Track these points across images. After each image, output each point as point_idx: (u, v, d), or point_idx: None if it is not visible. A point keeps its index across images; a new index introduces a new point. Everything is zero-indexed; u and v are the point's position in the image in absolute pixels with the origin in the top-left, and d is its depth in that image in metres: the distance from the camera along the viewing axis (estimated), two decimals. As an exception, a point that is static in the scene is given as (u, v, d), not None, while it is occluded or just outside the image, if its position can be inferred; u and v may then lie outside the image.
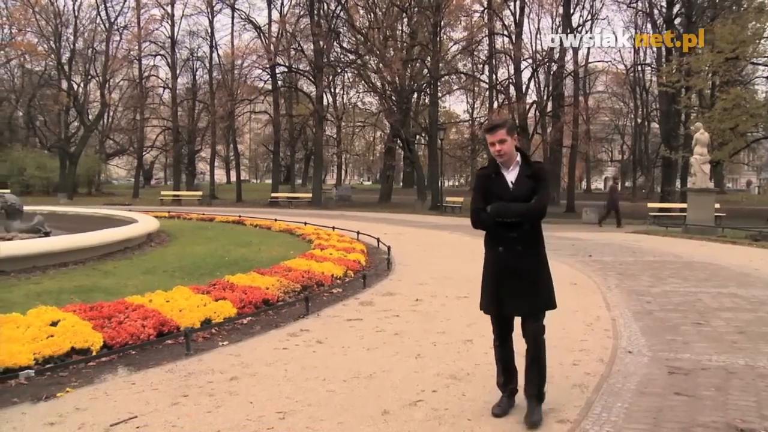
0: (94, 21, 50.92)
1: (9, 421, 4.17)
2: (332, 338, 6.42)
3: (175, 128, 51.00)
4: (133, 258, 12.46)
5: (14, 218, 14.12)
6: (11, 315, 5.91)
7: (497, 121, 4.36)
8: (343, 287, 9.45)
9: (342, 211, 33.49)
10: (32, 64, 54.20)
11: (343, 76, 49.36)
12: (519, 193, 4.18)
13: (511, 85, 42.35)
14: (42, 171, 50.45)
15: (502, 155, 4.21)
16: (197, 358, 5.66)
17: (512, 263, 4.21)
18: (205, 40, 50.73)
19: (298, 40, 44.39)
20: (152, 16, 50.88)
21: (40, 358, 5.15)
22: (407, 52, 40.24)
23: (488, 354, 5.75)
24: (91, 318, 5.98)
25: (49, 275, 9.93)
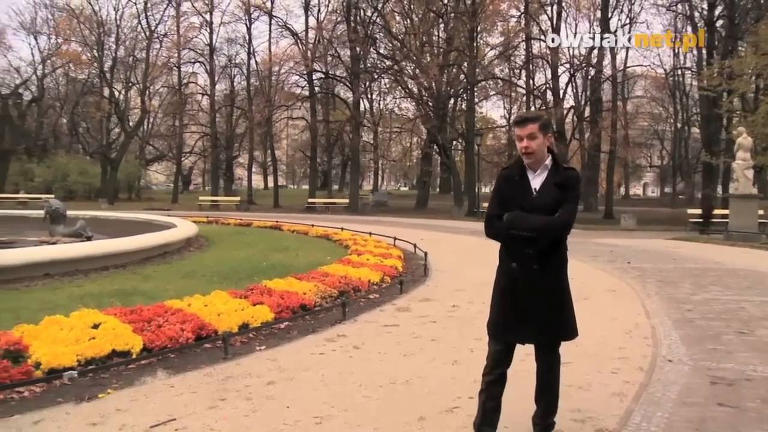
0: (135, 30, 51.93)
1: (54, 420, 4.25)
2: (369, 344, 6.42)
3: (214, 134, 51.61)
4: (172, 262, 12.61)
5: (58, 222, 14.42)
6: (55, 317, 6.02)
7: (530, 113, 3.94)
8: (380, 293, 9.45)
9: (378, 217, 33.54)
10: (76, 72, 55.34)
11: (380, 82, 49.48)
12: (542, 203, 3.62)
13: (549, 90, 42.02)
14: (84, 176, 51.37)
15: (529, 154, 3.64)
16: (235, 362, 5.70)
17: (525, 282, 3.69)
18: (243, 47, 51.42)
19: (335, 47, 44.65)
20: (191, 24, 51.72)
21: (83, 360, 5.24)
22: (444, 58, 40.20)
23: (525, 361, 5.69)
24: (132, 321, 6.07)
25: (91, 278, 10.09)
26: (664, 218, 33.76)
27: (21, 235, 15.31)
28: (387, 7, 42.68)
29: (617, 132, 40.77)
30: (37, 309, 7.11)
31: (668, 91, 53.33)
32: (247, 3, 47.95)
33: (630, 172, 71.12)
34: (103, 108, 51.95)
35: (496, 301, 3.86)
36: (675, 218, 31.74)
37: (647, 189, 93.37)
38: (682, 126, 54.36)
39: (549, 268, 3.71)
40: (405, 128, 53.00)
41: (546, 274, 3.69)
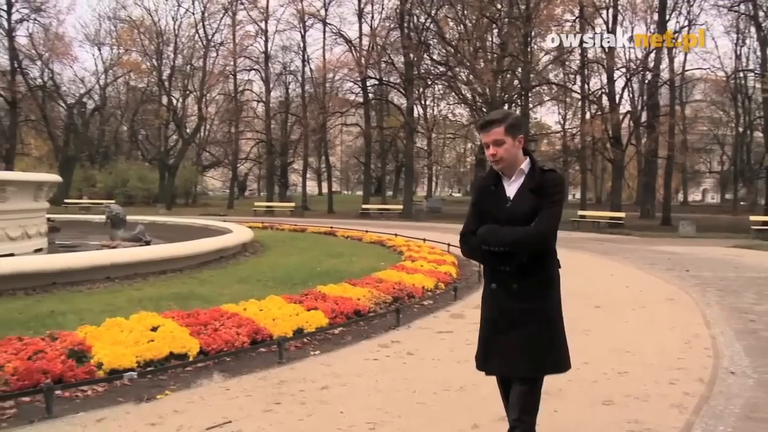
0: (193, 39, 53.05)
1: (115, 419, 4.37)
2: (423, 350, 6.42)
3: (269, 141, 52.28)
4: (228, 267, 12.79)
5: (118, 227, 14.77)
6: (116, 319, 6.18)
7: (493, 115, 3.32)
8: (434, 299, 9.43)
9: (432, 223, 33.49)
10: (136, 81, 56.83)
11: (434, 88, 49.44)
12: (517, 213, 3.17)
13: (604, 95, 41.39)
14: (143, 182, 52.57)
15: (498, 161, 3.21)
16: (289, 367, 5.75)
17: (505, 305, 3.23)
18: (298, 55, 52.03)
19: (388, 53, 44.83)
20: (247, 33, 52.57)
21: (142, 361, 5.36)
22: (498, 63, 39.94)
23: (581, 370, 5.64)
24: (189, 324, 6.18)
25: (150, 282, 10.31)
26: (724, 225, 32.89)
27: (84, 239, 15.76)
28: (440, 13, 42.63)
29: (675, 137, 39.91)
30: (99, 311, 7.31)
31: (729, 95, 51.81)
32: (301, 11, 48.57)
33: (688, 177, 69.52)
34: (162, 115, 53.22)
35: (481, 328, 3.43)
36: (736, 225, 30.91)
37: (707, 195, 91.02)
38: (744, 130, 52.79)
39: (531, 288, 3.22)
40: (459, 134, 52.80)
41: (528, 295, 3.20)
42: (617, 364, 5.83)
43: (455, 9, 41.18)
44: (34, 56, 50.66)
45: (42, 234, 13.78)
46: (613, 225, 30.94)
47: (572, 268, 14.49)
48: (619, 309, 8.93)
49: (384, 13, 47.03)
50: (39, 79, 51.95)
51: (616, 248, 19.19)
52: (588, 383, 5.28)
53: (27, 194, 12.87)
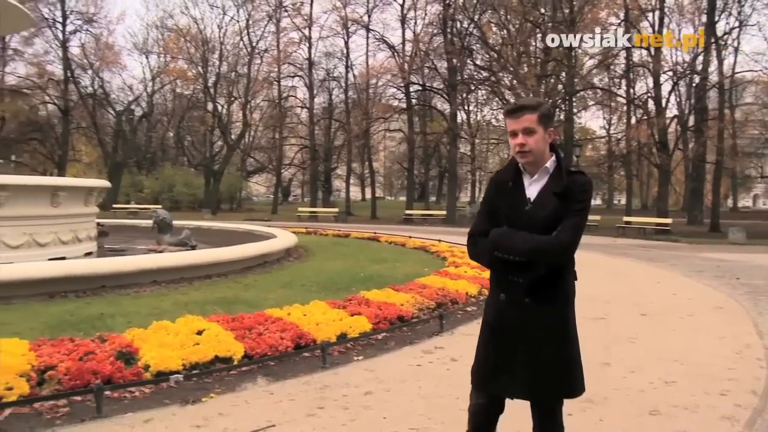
0: (238, 46, 53.75)
1: (162, 420, 4.45)
2: (466, 356, 6.34)
3: (312, 146, 52.65)
4: (272, 272, 12.88)
5: (165, 232, 15.01)
6: (162, 322, 6.29)
7: (526, 100, 3.02)
8: (478, 305, 9.36)
9: (475, 229, 33.25)
10: (182, 88, 57.80)
11: (477, 93, 49.37)
12: (537, 217, 2.83)
13: (650, 99, 40.68)
14: (189, 188, 53.36)
15: (525, 153, 2.86)
16: (333, 372, 5.78)
17: (515, 319, 2.90)
18: (341, 61, 52.31)
19: (431, 59, 44.87)
20: (291, 40, 53.05)
21: (188, 364, 5.43)
22: (541, 68, 39.64)
23: (626, 378, 5.57)
24: (233, 328, 6.25)
25: (195, 286, 10.43)
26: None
27: (131, 244, 16.05)
28: (483, 18, 42.54)
29: (724, 141, 39.05)
30: (146, 314, 7.44)
31: (782, 97, 50.64)
32: (344, 17, 48.88)
33: (738, 183, 67.96)
34: (207, 122, 53.98)
35: (481, 340, 3.10)
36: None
37: (758, 201, 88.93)
38: (797, 134, 51.50)
39: (546, 304, 2.88)
40: (502, 140, 52.50)
41: (542, 311, 2.87)
42: (664, 374, 5.73)
43: (498, 14, 41.05)
44: (86, 65, 52.05)
45: (92, 238, 14.08)
46: (660, 231, 30.46)
47: (617, 275, 14.34)
48: (666, 317, 8.78)
49: (427, 18, 47.12)
50: (90, 88, 53.26)
51: (662, 255, 18.88)
52: (634, 392, 5.20)
53: (78, 199, 13.18)
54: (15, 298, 8.61)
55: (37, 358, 5.06)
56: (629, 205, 50.46)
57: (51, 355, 5.12)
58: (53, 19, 49.98)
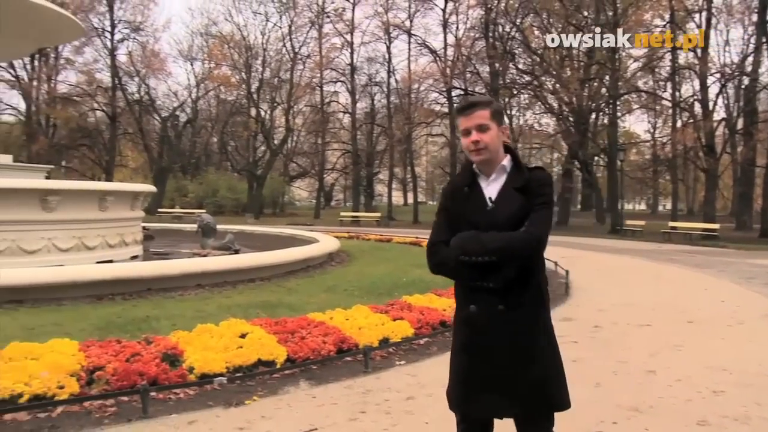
0: (280, 52, 54.23)
1: (206, 422, 4.51)
2: (508, 362, 6.34)
3: (355, 151, 52.85)
4: (314, 276, 12.92)
5: (209, 236, 15.19)
6: (206, 325, 6.37)
7: (477, 97, 2.84)
8: (519, 310, 9.30)
9: (517, 234, 33.04)
10: (226, 94, 58.55)
11: (519, 98, 49.02)
12: (502, 216, 2.65)
13: (697, 102, 39.84)
14: (232, 192, 53.91)
15: (481, 151, 2.68)
16: (375, 376, 5.79)
17: (490, 331, 2.66)
18: (383, 66, 52.46)
19: (473, 63, 44.76)
20: (333, 45, 53.44)
21: (231, 367, 5.49)
22: (585, 72, 39.25)
23: (673, 387, 5.48)
24: (276, 332, 6.30)
25: (238, 290, 10.52)
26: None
27: (176, 247, 16.30)
28: (525, 22, 42.29)
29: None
30: (190, 317, 7.53)
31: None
32: (386, 23, 49.02)
33: (790, 187, 66.30)
34: (250, 127, 54.66)
35: (453, 361, 2.83)
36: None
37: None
38: None
39: (521, 308, 2.67)
40: (545, 144, 52.15)
41: (517, 317, 2.66)
42: (712, 383, 5.60)
43: (540, 17, 40.77)
44: (133, 73, 53.17)
45: (138, 242, 14.33)
46: (707, 237, 29.83)
47: (663, 281, 14.11)
48: (714, 324, 8.60)
49: (469, 23, 47.00)
50: (136, 94, 54.38)
51: (709, 261, 18.50)
52: (681, 402, 5.10)
53: (125, 204, 13.43)
54: (65, 300, 8.82)
55: (87, 358, 5.19)
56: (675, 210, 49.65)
57: (99, 356, 5.24)
58: (102, 29, 51.33)
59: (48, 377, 4.71)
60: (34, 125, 50.68)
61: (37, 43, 19.91)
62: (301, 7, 52.34)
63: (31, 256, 10.92)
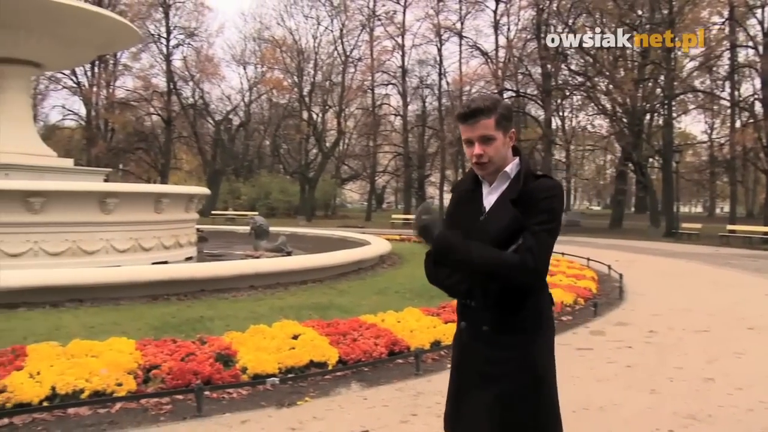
0: (332, 55, 54.64)
1: (258, 421, 4.56)
2: (561, 367, 6.18)
3: (406, 154, 52.90)
4: (365, 278, 12.93)
5: (261, 238, 15.36)
6: (259, 326, 6.45)
7: (479, 102, 2.41)
8: (573, 315, 9.19)
9: (571, 237, 32.62)
10: (278, 97, 59.17)
11: (572, 99, 48.41)
12: (491, 230, 2.33)
13: (757, 101, 38.82)
14: (284, 195, 54.40)
15: (484, 165, 2.41)
16: (426, 379, 5.77)
17: (472, 352, 2.43)
18: (434, 68, 52.43)
19: (525, 64, 44.40)
20: (384, 48, 53.55)
21: (283, 368, 5.54)
22: (639, 72, 38.53)
23: (733, 396, 5.34)
24: (328, 334, 6.34)
25: (290, 291, 10.59)
26: None
27: (229, 249, 16.53)
28: (578, 22, 41.73)
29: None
30: (243, 318, 7.63)
31: None
32: (437, 25, 48.97)
33: None
34: (302, 130, 55.10)
35: (449, 380, 2.60)
36: None
37: None
38: None
39: (510, 334, 2.36)
40: (598, 146, 51.32)
41: (504, 343, 2.35)
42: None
43: (593, 17, 40.20)
44: (187, 77, 54.27)
45: (192, 243, 14.58)
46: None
47: (721, 286, 13.75)
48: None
49: (520, 24, 46.60)
50: (191, 99, 55.40)
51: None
52: (742, 411, 4.97)
53: (179, 206, 13.68)
54: (123, 299, 9.03)
55: (143, 357, 5.32)
56: (733, 213, 48.32)
57: (155, 355, 5.36)
58: (158, 35, 52.52)
59: (107, 374, 4.85)
60: (94, 130, 52.11)
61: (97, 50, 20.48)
62: (352, 11, 52.69)
63: (90, 257, 11.22)
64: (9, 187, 10.87)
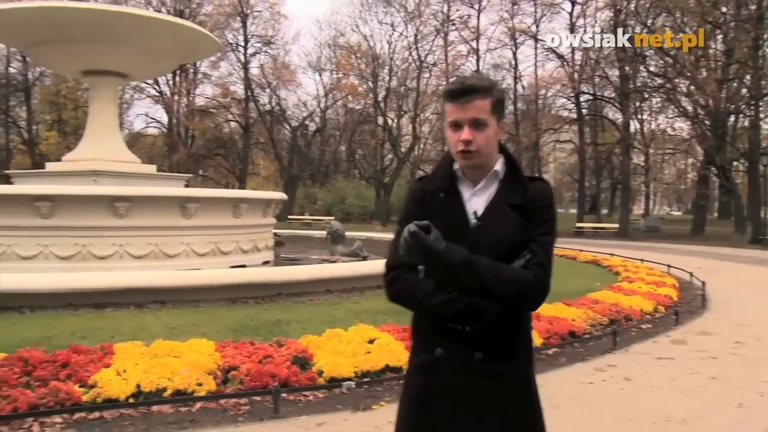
0: (407, 61, 54.69)
1: (334, 425, 4.62)
2: (641, 376, 6.11)
3: (480, 159, 52.52)
4: (440, 283, 12.87)
5: (338, 243, 15.48)
6: (335, 330, 6.51)
7: (476, 79, 2.06)
8: (653, 323, 8.95)
9: (650, 243, 31.85)
10: (353, 103, 59.66)
11: (651, 101, 47.17)
12: (487, 240, 2.01)
13: None
14: (360, 200, 54.74)
15: (471, 154, 2.04)
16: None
17: (458, 382, 2.04)
18: (509, 72, 51.86)
19: (602, 67, 43.48)
20: (459, 53, 53.29)
21: (359, 372, 5.59)
22: (723, 72, 37.25)
23: None
24: (404, 338, 6.31)
25: (366, 296, 10.61)
26: None
27: (306, 254, 16.74)
28: (657, 22, 40.63)
29: None
30: (319, 321, 7.72)
31: None
32: (512, 28, 48.52)
33: None
34: (378, 135, 55.42)
35: (404, 418, 2.20)
36: None
37: None
38: None
39: (505, 361, 2.05)
40: (679, 149, 49.85)
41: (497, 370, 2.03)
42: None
43: (674, 16, 39.04)
44: (264, 85, 55.29)
45: (269, 248, 14.84)
46: None
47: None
48: None
49: (597, 26, 45.71)
50: (268, 105, 56.40)
51: None
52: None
53: (257, 211, 13.95)
54: (202, 302, 9.26)
55: (222, 358, 5.45)
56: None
57: (234, 357, 5.48)
58: (236, 44, 53.65)
59: (188, 374, 5.00)
60: (175, 136, 53.71)
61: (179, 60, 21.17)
62: (427, 16, 52.64)
63: (171, 260, 11.56)
64: (97, 192, 11.34)
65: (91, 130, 16.30)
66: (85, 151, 15.79)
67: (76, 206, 10.91)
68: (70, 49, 15.23)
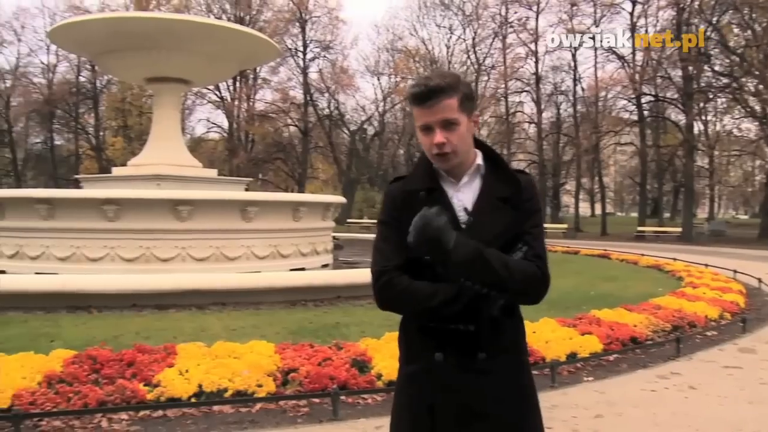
0: (465, 64, 54.57)
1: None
2: (706, 385, 5.95)
3: (541, 162, 51.97)
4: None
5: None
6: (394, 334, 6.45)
7: (438, 79, 1.98)
8: (719, 330, 8.70)
9: (715, 248, 30.96)
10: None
11: (716, 102, 45.90)
12: (483, 235, 1.93)
13: None
14: (418, 204, 54.80)
15: (446, 156, 1.99)
16: (561, 391, 5.65)
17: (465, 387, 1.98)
18: (568, 74, 51.26)
19: (664, 67, 42.54)
20: (517, 55, 52.87)
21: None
22: (794, 71, 36.05)
23: None
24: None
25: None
26: None
27: (364, 257, 16.81)
28: (723, 19, 39.53)
29: None
30: (378, 325, 7.71)
31: None
32: (571, 30, 47.85)
33: None
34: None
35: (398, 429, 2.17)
36: None
37: None
38: None
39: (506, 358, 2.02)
40: (745, 151, 48.40)
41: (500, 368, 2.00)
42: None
43: (741, 13, 37.90)
44: (323, 89, 56.01)
45: (328, 251, 14.95)
46: None
47: None
48: None
49: (659, 25, 44.64)
50: (326, 110, 57.10)
51: None
52: None
53: (316, 214, 14.08)
54: (262, 304, 9.41)
55: (282, 360, 5.52)
56: None
57: (293, 359, 5.54)
58: (295, 49, 54.43)
59: (248, 375, 5.08)
60: (235, 141, 54.68)
61: (239, 65, 21.55)
62: (485, 19, 52.48)
63: (232, 263, 11.75)
64: (161, 196, 11.62)
65: (155, 135, 16.75)
66: (149, 155, 16.22)
67: (140, 209, 11.21)
68: (135, 58, 15.69)
